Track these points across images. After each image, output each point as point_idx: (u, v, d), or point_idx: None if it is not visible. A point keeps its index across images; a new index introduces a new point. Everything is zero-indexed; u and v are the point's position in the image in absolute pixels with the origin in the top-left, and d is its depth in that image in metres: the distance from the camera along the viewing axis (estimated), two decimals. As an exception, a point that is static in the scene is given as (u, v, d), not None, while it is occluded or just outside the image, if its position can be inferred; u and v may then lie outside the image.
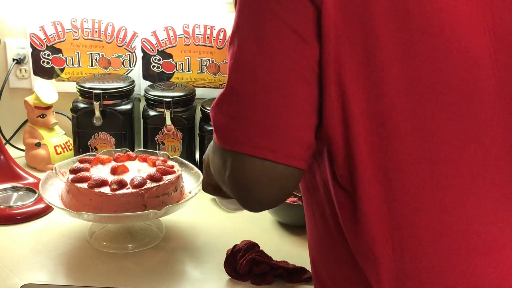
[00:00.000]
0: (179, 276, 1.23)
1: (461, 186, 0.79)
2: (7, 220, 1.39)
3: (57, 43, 1.75)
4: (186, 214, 1.40)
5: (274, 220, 1.42)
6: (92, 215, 1.25)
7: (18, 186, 1.49)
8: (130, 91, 1.66)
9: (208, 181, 1.07)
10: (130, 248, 1.30)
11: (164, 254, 1.29)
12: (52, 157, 1.65)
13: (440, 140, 0.79)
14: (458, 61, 0.78)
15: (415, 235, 0.79)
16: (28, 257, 1.27)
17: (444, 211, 0.79)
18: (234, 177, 0.80)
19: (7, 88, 1.76)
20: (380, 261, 0.80)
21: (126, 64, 1.76)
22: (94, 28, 1.73)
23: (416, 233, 0.79)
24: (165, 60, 1.74)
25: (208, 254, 1.29)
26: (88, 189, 1.28)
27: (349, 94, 0.77)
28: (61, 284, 1.18)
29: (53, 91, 1.66)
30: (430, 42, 0.77)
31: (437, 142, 0.79)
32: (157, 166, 1.35)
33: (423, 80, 0.78)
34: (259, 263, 1.19)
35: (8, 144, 1.72)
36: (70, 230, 1.36)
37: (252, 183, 0.79)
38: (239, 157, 0.79)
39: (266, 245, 1.25)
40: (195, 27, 1.71)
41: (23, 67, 1.78)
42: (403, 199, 0.79)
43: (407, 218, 0.79)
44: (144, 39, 1.73)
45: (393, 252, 0.79)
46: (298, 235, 1.35)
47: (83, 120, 1.63)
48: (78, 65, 1.76)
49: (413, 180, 0.79)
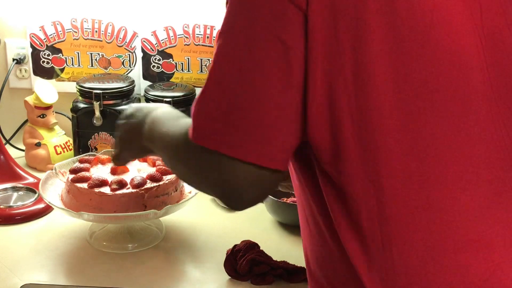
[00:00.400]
0: (179, 276, 1.23)
1: (449, 182, 0.80)
2: (7, 220, 1.39)
3: (57, 43, 1.75)
4: (186, 214, 1.40)
5: (274, 220, 1.42)
6: (92, 215, 1.25)
7: (18, 186, 1.49)
8: (130, 91, 1.66)
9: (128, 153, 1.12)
10: (130, 248, 1.30)
11: (164, 254, 1.29)
12: (52, 157, 1.65)
13: (427, 137, 0.79)
14: (445, 59, 0.79)
15: (403, 231, 0.80)
16: (28, 257, 1.27)
17: (432, 207, 0.79)
18: (217, 177, 0.82)
19: (7, 88, 1.76)
20: (370, 257, 0.80)
21: (126, 64, 1.76)
22: (94, 28, 1.73)
23: (404, 229, 0.80)
24: (165, 60, 1.74)
25: (208, 254, 1.29)
26: (88, 189, 1.28)
27: (337, 91, 0.78)
28: (61, 284, 1.18)
29: (53, 91, 1.66)
30: (418, 39, 0.78)
31: (424, 139, 0.79)
32: (157, 166, 1.36)
33: (411, 78, 0.78)
34: (259, 263, 1.19)
35: (8, 144, 1.72)
36: (70, 230, 1.36)
37: (235, 184, 0.81)
38: (223, 158, 0.80)
39: (266, 245, 1.25)
40: (195, 27, 1.71)
41: (23, 67, 1.78)
42: (391, 195, 0.79)
43: (395, 214, 0.80)
44: (144, 39, 1.73)
45: (382, 248, 0.80)
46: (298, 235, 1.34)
47: (83, 120, 1.63)
48: (78, 65, 1.76)
49: (400, 177, 0.79)
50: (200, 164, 0.84)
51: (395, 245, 0.80)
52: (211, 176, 0.82)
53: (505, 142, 0.83)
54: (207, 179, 0.84)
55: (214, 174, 0.82)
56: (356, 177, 0.80)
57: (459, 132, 0.80)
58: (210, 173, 0.82)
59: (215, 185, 0.83)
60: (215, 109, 0.81)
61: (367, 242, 0.80)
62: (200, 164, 0.84)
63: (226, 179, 0.81)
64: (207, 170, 0.83)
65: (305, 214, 0.92)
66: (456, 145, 0.80)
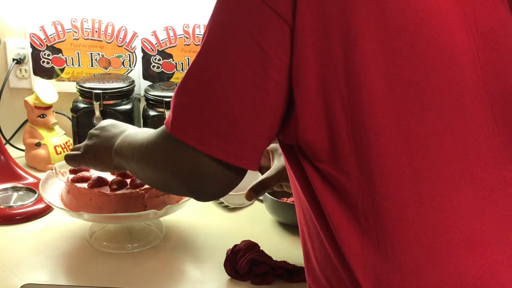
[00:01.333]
0: (179, 276, 1.23)
1: (441, 181, 0.80)
2: (7, 220, 1.39)
3: (57, 43, 1.75)
4: (186, 214, 1.40)
5: (274, 220, 1.42)
6: (92, 215, 1.25)
7: (18, 186, 1.49)
8: (130, 91, 1.66)
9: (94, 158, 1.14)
10: (130, 248, 1.30)
11: (164, 254, 1.29)
12: (52, 157, 1.65)
13: (420, 136, 0.80)
14: (437, 58, 0.79)
15: (397, 229, 0.80)
16: (28, 257, 1.27)
17: (424, 206, 0.80)
18: (185, 168, 0.85)
19: (7, 88, 1.76)
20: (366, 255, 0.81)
21: (126, 64, 1.76)
22: (94, 28, 1.73)
23: (398, 227, 0.80)
24: (165, 60, 1.74)
25: (208, 254, 1.29)
26: (88, 189, 1.28)
27: (331, 92, 0.79)
28: (61, 284, 1.18)
29: (53, 91, 1.66)
30: (408, 39, 0.78)
31: (416, 138, 0.80)
32: (157, 166, 1.35)
33: (402, 77, 0.79)
34: (259, 263, 1.19)
35: (8, 144, 1.72)
36: (70, 230, 1.36)
37: (202, 177, 0.85)
38: (193, 151, 0.83)
39: (266, 245, 1.25)
40: (195, 27, 1.71)
41: (23, 67, 1.78)
42: (384, 194, 0.80)
43: (389, 213, 0.80)
44: (144, 39, 1.73)
45: (378, 246, 0.80)
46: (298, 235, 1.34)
47: (83, 120, 1.63)
48: (78, 65, 1.76)
49: (393, 176, 0.80)
50: (171, 156, 0.86)
51: (389, 243, 0.80)
52: (180, 167, 0.86)
53: (497, 140, 0.83)
54: (176, 171, 0.86)
55: (183, 166, 0.85)
56: (352, 176, 0.81)
57: (451, 130, 0.80)
58: (179, 164, 0.85)
59: (183, 175, 0.86)
60: (190, 103, 0.84)
61: (363, 241, 0.81)
62: (170, 155, 0.87)
63: (194, 171, 0.84)
64: (177, 161, 0.86)
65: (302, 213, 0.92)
66: (449, 144, 0.80)
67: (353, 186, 0.81)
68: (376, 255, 0.81)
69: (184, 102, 0.84)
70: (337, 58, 0.78)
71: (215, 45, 0.82)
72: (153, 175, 0.93)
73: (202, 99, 0.83)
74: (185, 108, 0.84)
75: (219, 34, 0.82)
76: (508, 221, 0.82)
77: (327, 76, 0.79)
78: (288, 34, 0.79)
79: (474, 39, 0.82)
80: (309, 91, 0.80)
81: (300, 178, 0.87)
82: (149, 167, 0.93)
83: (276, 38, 0.79)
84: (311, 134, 0.81)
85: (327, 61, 0.79)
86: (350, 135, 0.80)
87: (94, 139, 1.14)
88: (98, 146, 1.12)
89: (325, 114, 0.80)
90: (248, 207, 1.49)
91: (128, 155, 1.01)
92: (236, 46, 0.80)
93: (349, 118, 0.79)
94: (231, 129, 0.82)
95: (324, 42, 0.78)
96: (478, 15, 0.82)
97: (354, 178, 0.81)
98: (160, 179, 0.91)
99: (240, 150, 0.83)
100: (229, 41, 0.81)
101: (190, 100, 0.84)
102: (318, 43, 0.78)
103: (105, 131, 1.12)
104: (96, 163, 1.14)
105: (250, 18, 0.80)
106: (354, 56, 0.78)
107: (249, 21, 0.80)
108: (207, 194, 0.88)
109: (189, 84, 0.85)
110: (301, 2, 0.78)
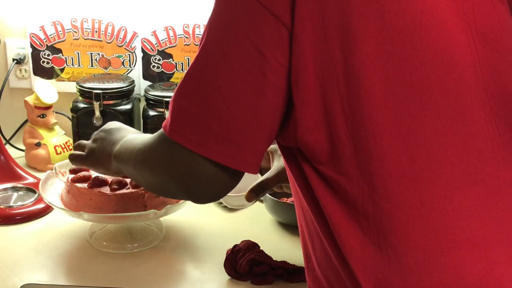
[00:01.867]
0: (179, 276, 1.23)
1: (442, 182, 0.80)
2: (7, 220, 1.39)
3: (57, 43, 1.75)
4: (186, 214, 1.40)
5: (274, 220, 1.42)
6: (92, 215, 1.25)
7: (18, 186, 1.49)
8: (130, 91, 1.66)
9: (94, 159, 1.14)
10: (130, 248, 1.30)
11: (164, 254, 1.29)
12: (52, 157, 1.65)
13: (420, 137, 0.80)
14: (437, 60, 0.79)
15: (398, 231, 0.80)
16: (28, 257, 1.27)
17: (425, 207, 0.80)
18: (183, 170, 0.85)
19: (7, 88, 1.76)
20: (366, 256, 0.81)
21: (126, 64, 1.76)
22: (94, 28, 1.73)
23: (399, 229, 0.80)
24: (165, 60, 1.74)
25: (208, 254, 1.29)
26: (88, 189, 1.28)
27: (330, 94, 0.79)
28: (61, 284, 1.18)
29: (53, 91, 1.66)
30: (407, 41, 0.78)
31: (416, 139, 0.80)
32: (157, 166, 1.36)
33: (402, 79, 0.79)
34: (259, 263, 1.19)
35: (8, 144, 1.72)
36: (70, 230, 1.36)
37: (200, 179, 0.85)
38: (191, 154, 0.83)
39: (266, 245, 1.25)
40: (195, 27, 1.71)
41: (23, 67, 1.78)
42: (384, 196, 0.80)
43: (389, 214, 0.80)
44: (144, 39, 1.73)
45: (378, 247, 0.80)
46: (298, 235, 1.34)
47: (83, 120, 1.63)
48: (78, 65, 1.76)
49: (393, 177, 0.80)
50: (169, 158, 0.86)
51: (390, 244, 0.80)
52: (177, 170, 0.86)
53: (497, 141, 0.83)
54: (173, 173, 0.86)
55: (181, 168, 0.85)
56: (352, 177, 0.80)
57: (451, 132, 0.80)
58: (177, 167, 0.85)
59: (180, 178, 0.86)
60: (189, 106, 0.83)
61: (363, 242, 0.81)
62: (168, 158, 0.87)
63: (192, 173, 0.84)
64: (175, 164, 0.86)
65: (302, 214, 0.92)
66: (449, 145, 0.80)
67: (353, 187, 0.81)
68: (376, 256, 0.80)
69: (182, 105, 0.84)
70: (336, 60, 0.78)
71: (214, 48, 0.82)
72: (151, 178, 0.92)
73: (201, 102, 0.82)
74: (184, 111, 0.84)
75: (217, 36, 0.82)
76: (509, 221, 0.82)
77: (326, 78, 0.79)
78: (287, 37, 0.79)
79: (473, 40, 0.82)
80: (308, 93, 0.80)
81: (300, 180, 0.87)
82: (147, 170, 0.93)
83: (274, 41, 0.79)
84: (311, 137, 0.81)
85: (326, 63, 0.79)
86: (349, 137, 0.80)
87: (98, 143, 1.14)
88: (100, 150, 1.12)
89: (324, 116, 0.80)
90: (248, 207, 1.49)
91: (126, 159, 1.01)
92: (235, 49, 0.80)
93: (348, 120, 0.79)
94: (230, 132, 0.82)
95: (323, 44, 0.78)
96: (477, 16, 0.82)
97: (354, 180, 0.80)
98: (158, 182, 0.91)
99: (240, 153, 0.83)
100: (227, 44, 0.81)
101: (189, 103, 0.83)
102: (317, 46, 0.78)
103: (109, 134, 1.12)
104: (98, 166, 1.14)
105: (248, 21, 0.80)
106: (353, 58, 0.78)
107: (247, 24, 0.80)
108: (205, 197, 0.88)
109: (188, 87, 0.84)
110: (300, 5, 0.78)
